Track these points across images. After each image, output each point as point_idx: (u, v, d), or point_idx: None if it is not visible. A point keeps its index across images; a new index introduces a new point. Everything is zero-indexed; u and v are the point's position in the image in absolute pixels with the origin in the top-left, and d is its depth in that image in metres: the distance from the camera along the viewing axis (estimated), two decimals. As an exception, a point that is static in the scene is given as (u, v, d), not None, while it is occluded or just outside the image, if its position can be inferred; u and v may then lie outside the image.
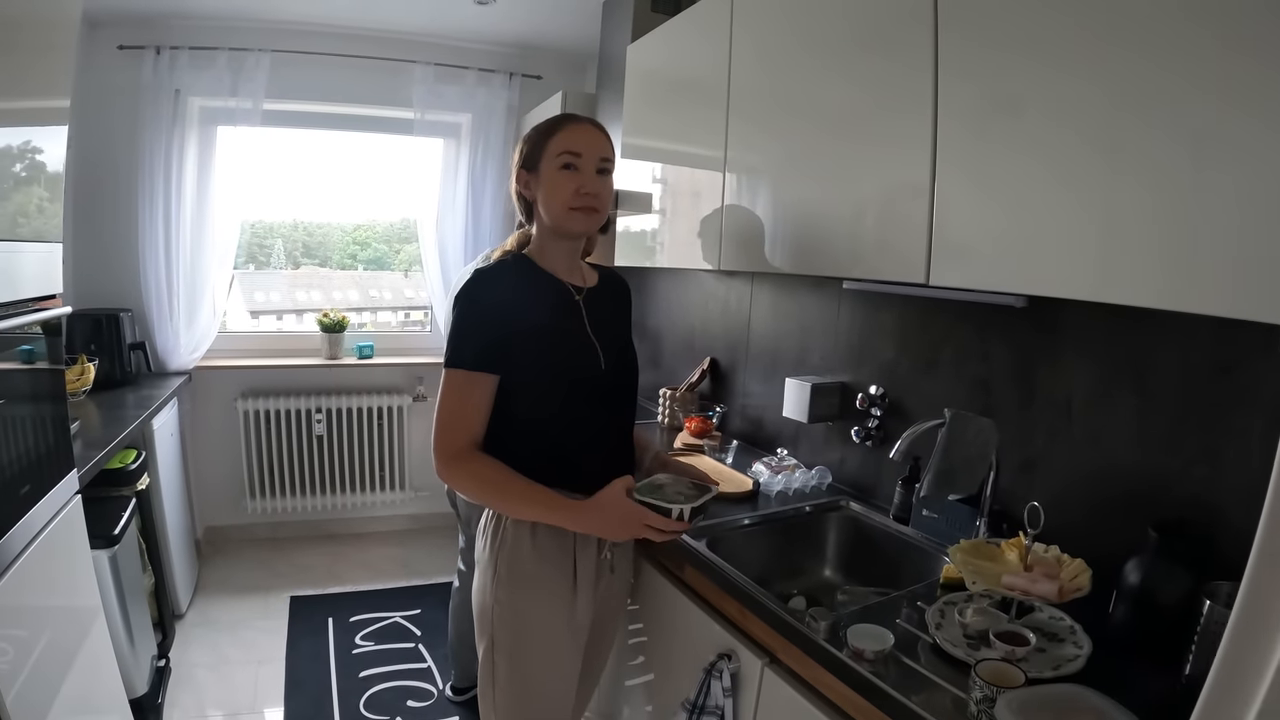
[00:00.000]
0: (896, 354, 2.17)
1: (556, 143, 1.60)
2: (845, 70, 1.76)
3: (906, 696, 1.24)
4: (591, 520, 1.53)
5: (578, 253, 1.74)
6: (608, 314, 1.74)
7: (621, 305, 1.85)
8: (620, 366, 1.72)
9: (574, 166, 1.58)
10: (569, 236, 1.67)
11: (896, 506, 2.04)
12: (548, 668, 1.65)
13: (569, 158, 1.58)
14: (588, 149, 1.60)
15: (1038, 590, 1.39)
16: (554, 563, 1.61)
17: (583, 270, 1.76)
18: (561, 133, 1.61)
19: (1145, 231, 1.13)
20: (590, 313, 1.69)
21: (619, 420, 1.73)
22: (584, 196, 1.59)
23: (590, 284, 1.75)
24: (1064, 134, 1.25)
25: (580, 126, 1.62)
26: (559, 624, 1.63)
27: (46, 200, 2.08)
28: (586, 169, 1.59)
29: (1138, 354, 1.55)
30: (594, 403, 1.64)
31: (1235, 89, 1.00)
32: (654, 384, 3.45)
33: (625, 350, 1.76)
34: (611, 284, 1.83)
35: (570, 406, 1.61)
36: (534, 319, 1.59)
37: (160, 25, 3.68)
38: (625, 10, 3.14)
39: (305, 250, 4.94)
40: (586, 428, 1.64)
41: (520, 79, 4.24)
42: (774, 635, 1.47)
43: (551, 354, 1.60)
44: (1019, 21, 1.32)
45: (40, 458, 1.91)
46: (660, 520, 1.49)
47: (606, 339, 1.69)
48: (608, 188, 1.65)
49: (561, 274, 1.69)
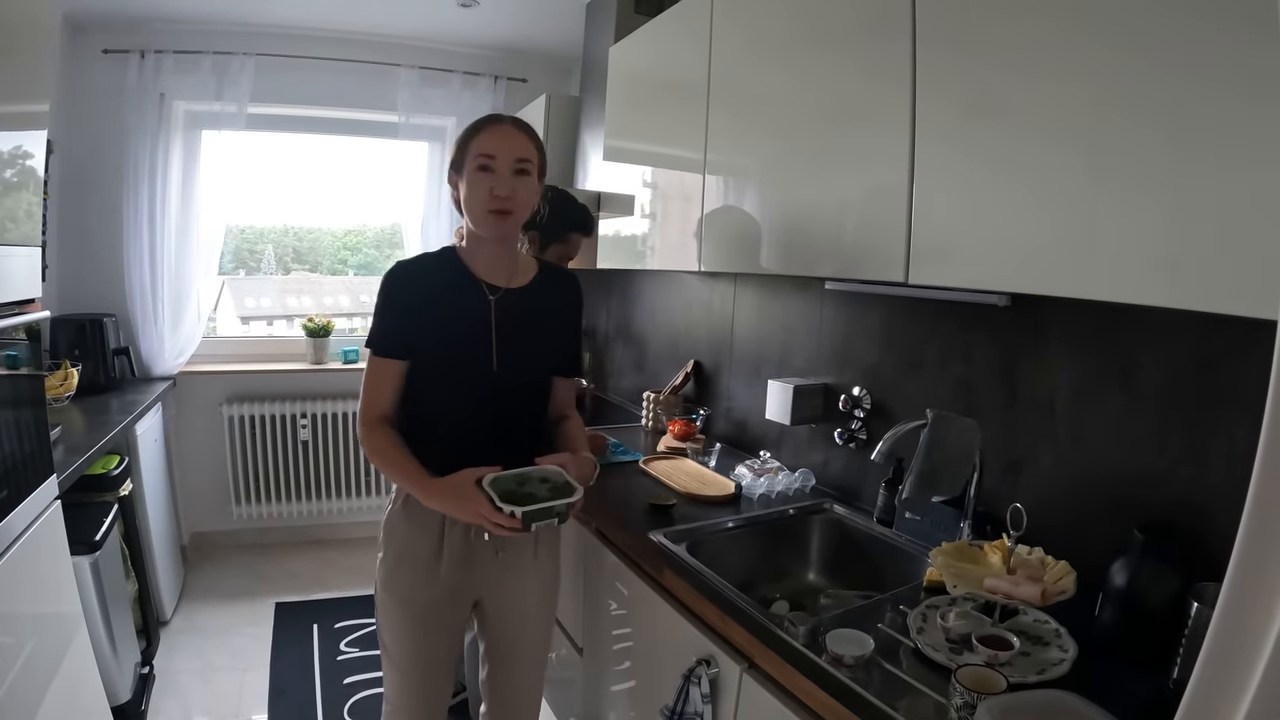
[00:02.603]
0: (879, 355, 2.16)
1: (475, 145, 1.62)
2: (823, 70, 1.75)
3: (887, 703, 1.22)
4: (434, 498, 1.60)
5: (507, 252, 1.75)
6: (532, 316, 1.75)
7: (560, 308, 1.84)
8: (524, 368, 1.74)
9: (489, 168, 1.60)
10: (489, 238, 1.69)
11: (880, 509, 2.03)
12: (404, 630, 1.75)
13: (484, 159, 1.60)
14: (502, 150, 1.61)
15: (1020, 593, 1.37)
16: (421, 529, 1.71)
17: (514, 269, 1.76)
18: (480, 135, 1.63)
19: (1125, 226, 1.12)
20: (503, 313, 1.71)
21: (512, 419, 1.75)
22: (495, 199, 1.60)
23: (517, 284, 1.75)
24: (1042, 130, 1.24)
25: (497, 128, 1.63)
26: (420, 589, 1.72)
27: (35, 204, 2.07)
28: (502, 170, 1.60)
29: (1121, 352, 1.54)
30: (480, 401, 1.70)
31: (1215, 82, 0.99)
32: (638, 387, 3.45)
33: (543, 353, 1.79)
34: (552, 286, 1.82)
35: (454, 401, 1.70)
36: (433, 314, 1.67)
37: (145, 29, 3.66)
38: (608, 12, 3.14)
39: (296, 255, 4.93)
40: (470, 423, 1.70)
41: (505, 82, 4.24)
42: (752, 641, 1.45)
43: (441, 349, 1.68)
44: (998, 23, 1.32)
45: (19, 463, 1.89)
46: (493, 513, 1.50)
47: (516, 341, 1.72)
48: (526, 188, 1.65)
49: (482, 272, 1.72)
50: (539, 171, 1.70)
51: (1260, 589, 0.57)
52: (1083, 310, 1.55)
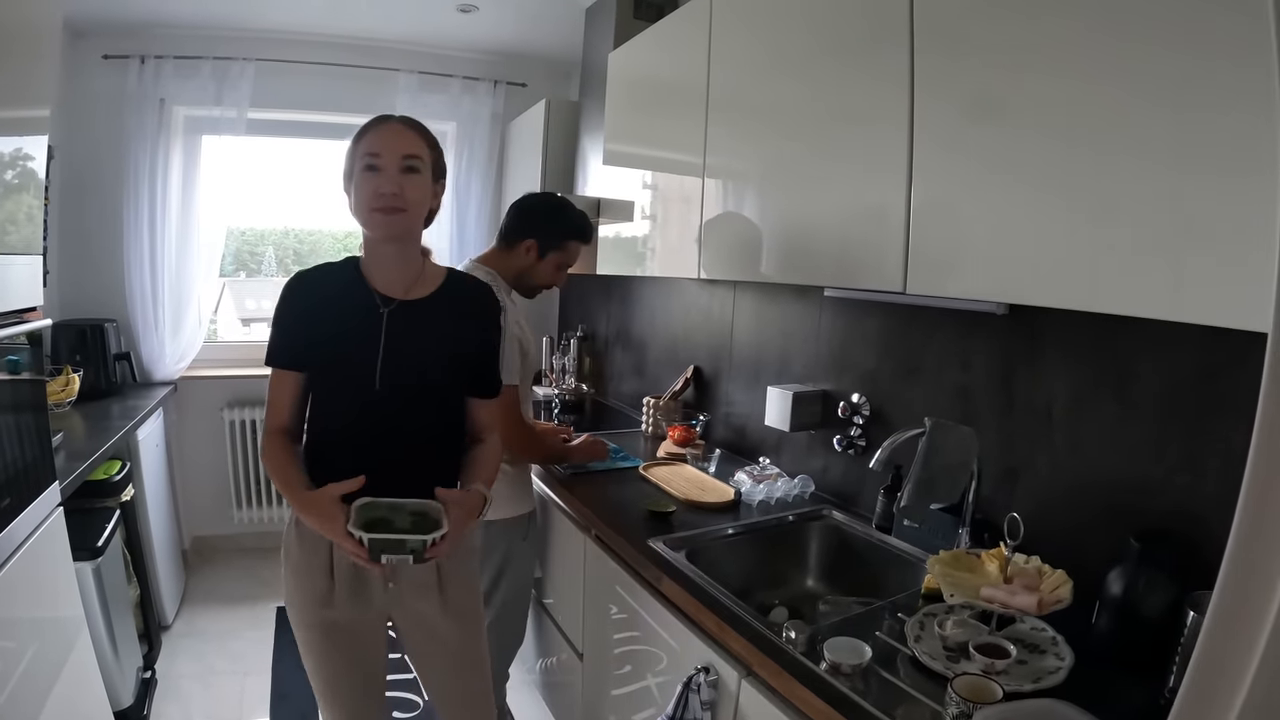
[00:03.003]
0: (878, 362, 2.17)
1: (361, 146, 1.56)
2: (822, 78, 1.76)
3: (884, 711, 1.23)
4: (301, 510, 1.57)
5: (405, 259, 1.65)
6: (432, 329, 1.65)
7: (466, 323, 1.71)
8: (412, 387, 1.62)
9: (375, 167, 1.54)
10: (380, 240, 1.62)
11: (879, 516, 2.03)
12: (309, 651, 1.72)
13: (369, 159, 1.54)
14: (387, 148, 1.54)
15: (1016, 603, 1.38)
16: (313, 550, 1.64)
17: (414, 279, 1.66)
18: (365, 136, 1.57)
19: (1126, 238, 1.13)
20: (395, 326, 1.62)
21: (403, 442, 1.64)
22: (380, 196, 1.53)
23: (416, 295, 1.65)
24: (1040, 142, 1.25)
25: (383, 127, 1.57)
26: (312, 611, 1.67)
27: (36, 208, 2.08)
28: (388, 168, 1.53)
29: (1119, 361, 1.55)
30: (363, 421, 1.61)
31: (1218, 93, 1.00)
32: (638, 392, 3.46)
33: (438, 371, 1.65)
34: (459, 297, 1.71)
35: (338, 419, 1.64)
36: (323, 325, 1.61)
37: (145, 35, 3.67)
38: (608, 17, 3.15)
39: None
40: (355, 443, 1.62)
41: (505, 87, 4.25)
42: (750, 649, 1.46)
43: (327, 363, 1.61)
44: (995, 30, 1.33)
45: (21, 470, 1.90)
46: (345, 535, 1.45)
47: (406, 357, 1.61)
48: (415, 187, 1.57)
49: (378, 282, 1.64)
50: (433, 170, 1.63)
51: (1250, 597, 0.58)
52: (1081, 319, 1.55)
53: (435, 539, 1.45)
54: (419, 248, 1.69)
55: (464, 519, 1.55)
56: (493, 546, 2.31)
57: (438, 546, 1.47)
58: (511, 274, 2.32)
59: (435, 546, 1.46)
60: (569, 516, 2.35)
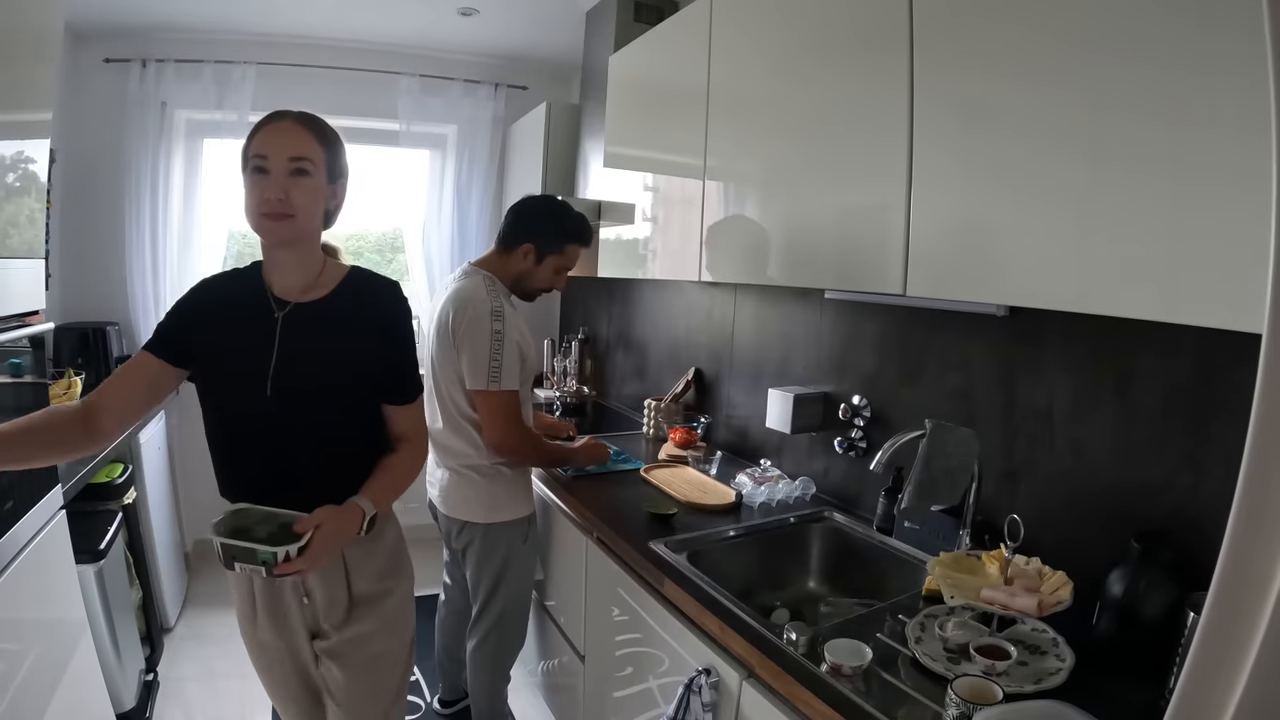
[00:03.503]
0: (879, 364, 2.17)
1: (250, 147, 1.46)
2: (820, 80, 1.76)
3: (884, 712, 1.23)
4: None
5: (300, 260, 1.55)
6: (327, 333, 1.54)
7: (369, 323, 1.58)
8: (307, 394, 1.51)
9: (263, 169, 1.43)
10: (270, 246, 1.53)
11: (880, 517, 2.04)
12: (256, 666, 1.71)
13: (257, 160, 1.43)
14: (275, 149, 1.43)
15: (1016, 604, 1.38)
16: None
17: (310, 279, 1.56)
18: (255, 136, 1.46)
19: (1124, 241, 1.13)
20: (290, 329, 1.52)
21: (300, 452, 1.53)
22: (266, 202, 1.42)
23: (314, 296, 1.55)
24: (1039, 144, 1.26)
25: (272, 125, 1.46)
26: (243, 628, 1.66)
27: (37, 210, 2.09)
28: (275, 171, 1.42)
29: (1119, 363, 1.55)
30: (255, 429, 1.52)
31: (1215, 101, 1.00)
32: (639, 394, 3.46)
33: (336, 376, 1.53)
34: (361, 297, 1.59)
35: (230, 426, 1.55)
36: (216, 327, 1.52)
37: (146, 38, 3.68)
38: (608, 21, 3.15)
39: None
40: (250, 452, 1.55)
41: (506, 90, 4.25)
42: (752, 650, 1.46)
43: (215, 367, 1.53)
44: (994, 34, 1.33)
45: (24, 473, 1.90)
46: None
47: (300, 363, 1.50)
48: (304, 190, 1.45)
49: (276, 285, 1.55)
50: (328, 170, 1.51)
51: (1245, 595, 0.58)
52: (1081, 321, 1.55)
53: (287, 553, 1.33)
54: (317, 248, 1.59)
55: (331, 536, 1.41)
56: (493, 549, 2.32)
57: (292, 562, 1.34)
58: (510, 278, 2.33)
59: (289, 562, 1.34)
60: (570, 519, 2.36)
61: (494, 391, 2.17)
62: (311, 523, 1.38)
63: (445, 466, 2.36)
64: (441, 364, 2.28)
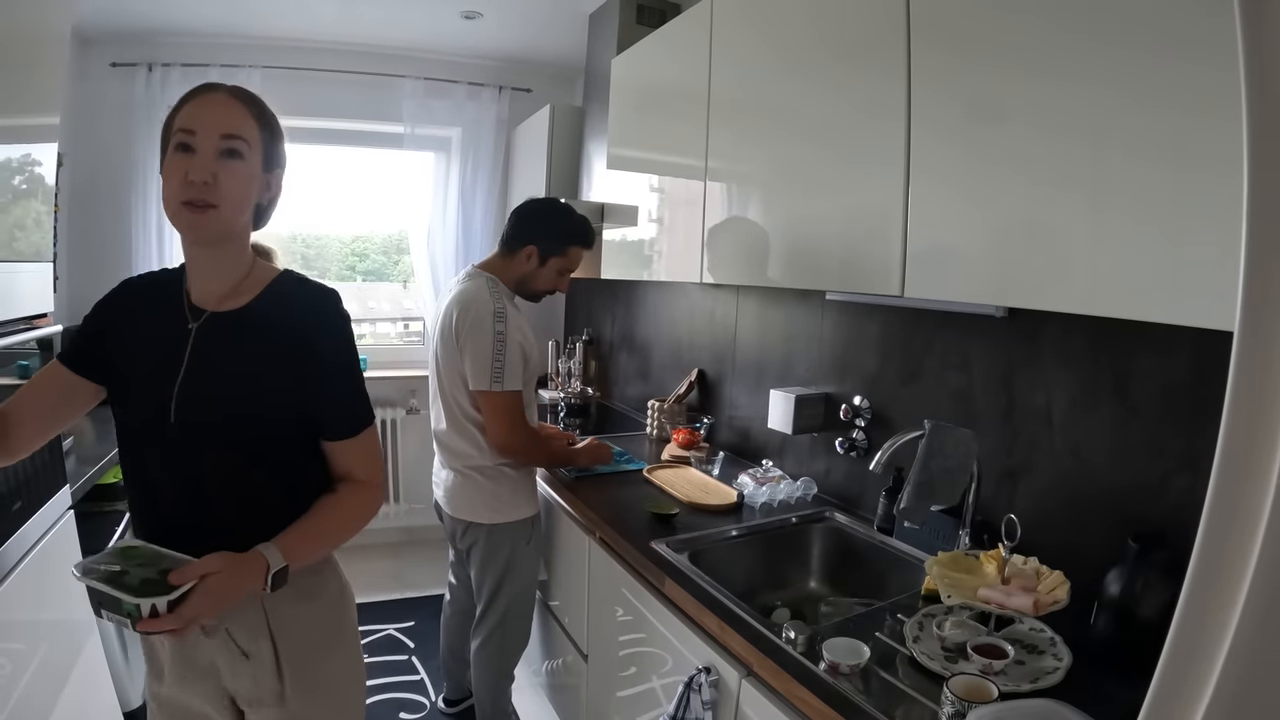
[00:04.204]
0: (880, 365, 2.18)
1: (176, 121, 1.22)
2: (820, 82, 1.78)
3: (881, 710, 1.24)
4: None
5: (221, 261, 1.31)
6: (243, 350, 1.28)
7: (293, 340, 1.30)
8: (215, 423, 1.25)
9: (188, 147, 1.19)
10: (190, 242, 1.29)
11: (880, 517, 2.04)
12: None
13: (182, 136, 1.19)
14: (204, 124, 1.20)
15: (1013, 604, 1.39)
16: None
17: (232, 284, 1.32)
18: (182, 108, 1.23)
19: (1121, 242, 1.14)
20: (203, 344, 1.28)
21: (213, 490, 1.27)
22: (189, 185, 1.18)
23: (231, 306, 1.30)
24: (1038, 145, 1.26)
25: (202, 98, 1.23)
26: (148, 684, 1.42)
27: (45, 214, 2.11)
28: (203, 149, 1.19)
29: (1117, 363, 1.56)
30: (161, 461, 1.27)
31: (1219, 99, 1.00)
32: (643, 396, 3.47)
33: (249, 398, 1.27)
34: (285, 308, 1.33)
35: (135, 456, 1.31)
36: (126, 338, 1.31)
37: (152, 42, 3.70)
38: (611, 23, 3.17)
39: (304, 262, 4.95)
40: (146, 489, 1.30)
41: (510, 92, 4.26)
42: (750, 649, 1.47)
43: (121, 387, 1.30)
44: (992, 31, 1.34)
45: (33, 474, 1.92)
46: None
47: (210, 382, 1.26)
48: (234, 175, 1.22)
49: (195, 290, 1.31)
50: (265, 157, 1.29)
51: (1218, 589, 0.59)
52: (1079, 322, 1.56)
53: (154, 607, 1.08)
54: (245, 248, 1.35)
55: (218, 591, 1.14)
56: (496, 549, 2.34)
57: (160, 619, 1.09)
58: (513, 280, 2.34)
59: (156, 619, 1.08)
60: (573, 519, 2.37)
61: (497, 392, 2.18)
62: (193, 573, 1.12)
63: (450, 467, 2.38)
64: (446, 365, 2.30)
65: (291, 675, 1.34)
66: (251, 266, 1.35)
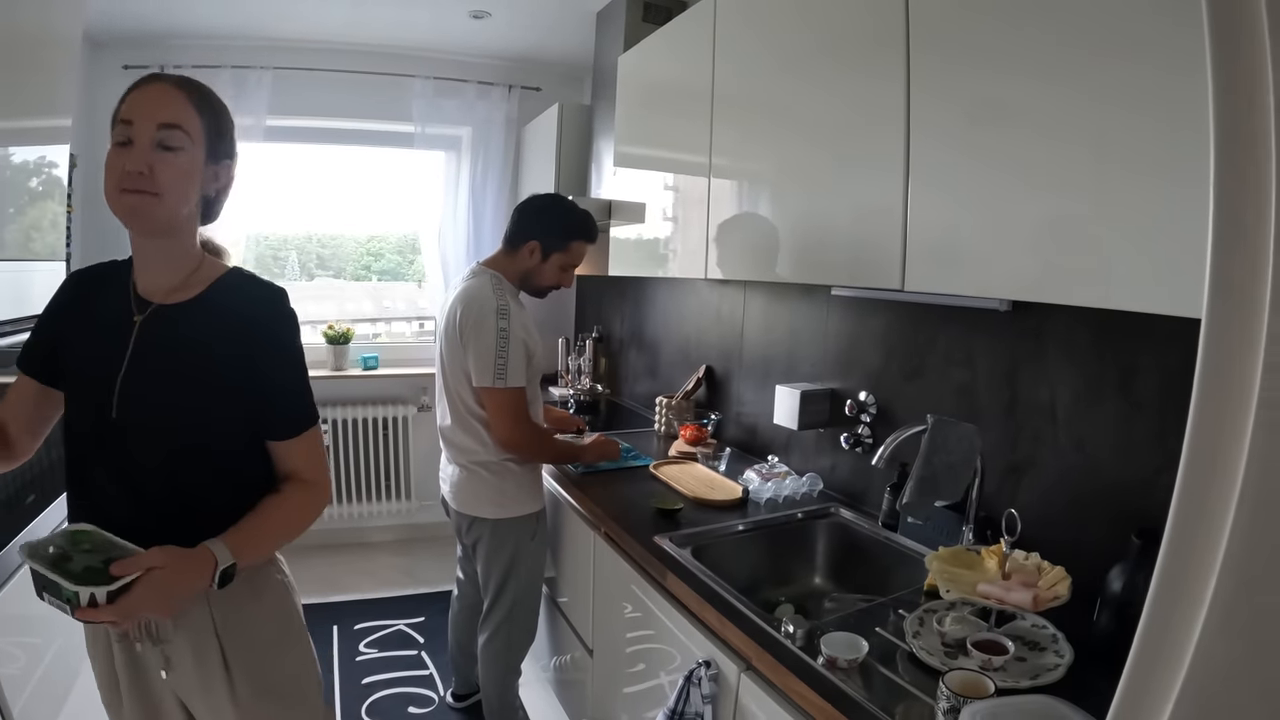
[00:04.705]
0: (884, 360, 2.17)
1: (119, 111, 1.23)
2: (824, 79, 1.78)
3: (879, 705, 1.24)
4: None
5: (167, 253, 1.30)
6: (186, 345, 1.27)
7: (236, 336, 1.29)
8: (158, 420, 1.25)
9: (128, 139, 1.20)
10: (133, 234, 1.28)
11: (885, 513, 2.04)
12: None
13: (122, 128, 1.20)
14: (141, 114, 1.20)
15: (1012, 599, 1.39)
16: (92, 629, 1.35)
17: (179, 277, 1.31)
18: (124, 100, 1.24)
19: (1122, 235, 1.14)
20: (147, 338, 1.26)
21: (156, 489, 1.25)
22: (126, 176, 1.18)
23: (177, 299, 1.29)
24: (1037, 142, 1.26)
25: (142, 88, 1.23)
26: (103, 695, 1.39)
27: (59, 215, 2.14)
28: (140, 140, 1.19)
29: (1122, 358, 1.55)
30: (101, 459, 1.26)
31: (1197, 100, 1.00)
32: (651, 392, 3.48)
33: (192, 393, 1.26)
34: (229, 303, 1.31)
35: (74, 450, 1.29)
36: (73, 333, 1.31)
37: (163, 45, 3.74)
38: (618, 21, 3.17)
39: (320, 261, 4.99)
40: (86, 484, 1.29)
41: (519, 91, 4.28)
42: (749, 643, 1.48)
43: (69, 381, 1.31)
44: (991, 32, 1.33)
45: (44, 469, 1.95)
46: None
47: (153, 376, 1.25)
48: (171, 166, 1.21)
49: (142, 283, 1.30)
50: (208, 147, 1.27)
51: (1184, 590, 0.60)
52: (1083, 315, 1.55)
53: (93, 596, 1.06)
54: (191, 241, 1.33)
55: (162, 585, 1.12)
56: (502, 544, 2.35)
57: (99, 610, 1.07)
58: (516, 276, 2.35)
59: (95, 609, 1.07)
60: (580, 515, 2.38)
61: (500, 388, 2.19)
62: (137, 565, 1.10)
63: (456, 463, 2.40)
64: (450, 362, 2.31)
65: (241, 676, 1.34)
66: (201, 261, 1.34)
